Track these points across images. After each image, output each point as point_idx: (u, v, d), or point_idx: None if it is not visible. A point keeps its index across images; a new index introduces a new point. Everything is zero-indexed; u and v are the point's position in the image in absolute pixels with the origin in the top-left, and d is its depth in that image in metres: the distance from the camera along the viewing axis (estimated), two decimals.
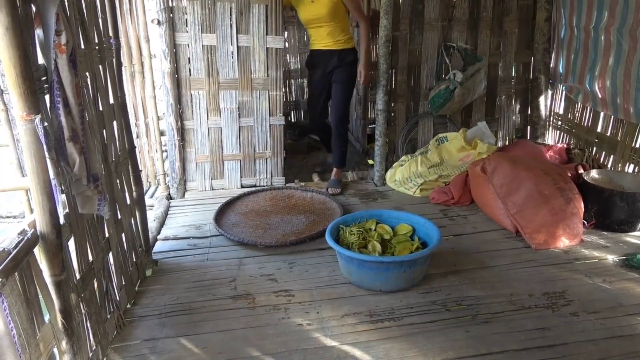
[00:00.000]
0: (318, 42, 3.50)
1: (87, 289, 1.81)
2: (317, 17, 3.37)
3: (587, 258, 2.65)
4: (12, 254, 1.35)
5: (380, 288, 2.35)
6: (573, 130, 4.10)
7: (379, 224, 2.73)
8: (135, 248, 2.43)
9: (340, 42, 3.46)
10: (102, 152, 2.00)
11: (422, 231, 2.64)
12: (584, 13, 3.58)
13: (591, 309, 2.20)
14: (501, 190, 2.95)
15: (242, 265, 2.65)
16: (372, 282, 2.35)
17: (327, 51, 3.48)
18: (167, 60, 3.37)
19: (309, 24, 3.46)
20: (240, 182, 3.78)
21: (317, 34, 3.47)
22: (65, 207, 1.67)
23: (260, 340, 2.03)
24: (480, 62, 3.80)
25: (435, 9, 3.82)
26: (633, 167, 3.38)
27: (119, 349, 1.99)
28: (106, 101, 2.10)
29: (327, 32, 3.41)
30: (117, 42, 2.24)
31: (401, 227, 2.70)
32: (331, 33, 3.42)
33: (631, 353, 1.92)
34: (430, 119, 4.06)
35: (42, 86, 1.51)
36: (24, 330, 1.41)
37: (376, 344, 2.00)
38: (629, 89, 3.16)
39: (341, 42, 3.47)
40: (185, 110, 3.57)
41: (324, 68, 3.55)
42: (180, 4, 3.37)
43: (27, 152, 1.41)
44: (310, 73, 3.74)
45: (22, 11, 1.41)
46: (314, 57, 3.59)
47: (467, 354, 1.93)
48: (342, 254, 2.40)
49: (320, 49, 3.50)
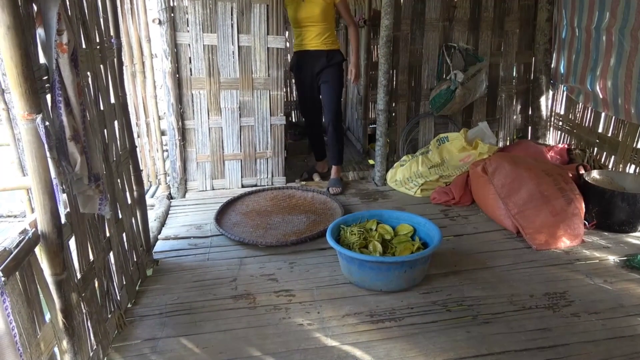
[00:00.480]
0: (306, 43, 3.52)
1: (88, 288, 1.81)
2: (308, 17, 3.41)
3: (588, 259, 2.65)
4: (13, 253, 1.35)
5: (381, 288, 2.35)
6: (574, 131, 4.10)
7: (380, 224, 2.72)
8: (136, 247, 2.43)
9: (328, 43, 3.51)
10: (103, 151, 2.00)
11: (423, 231, 2.63)
12: (585, 13, 3.58)
13: (592, 309, 2.20)
14: (502, 191, 2.94)
15: (242, 265, 2.65)
16: (373, 283, 2.35)
17: (316, 52, 3.51)
18: (168, 59, 3.37)
19: (300, 23, 3.48)
20: (241, 182, 3.78)
21: (306, 34, 3.50)
22: (67, 207, 1.67)
23: (261, 340, 2.03)
24: (481, 62, 3.80)
25: (436, 9, 3.82)
26: (634, 168, 3.38)
27: (119, 349, 1.99)
28: (107, 101, 2.10)
29: (317, 32, 3.45)
30: (119, 42, 2.24)
31: (402, 227, 2.70)
32: (320, 34, 3.46)
33: (632, 354, 1.92)
34: (431, 119, 4.06)
35: (43, 85, 1.51)
36: (25, 330, 1.41)
37: (377, 344, 2.00)
38: (631, 89, 3.16)
39: (329, 43, 3.52)
40: (186, 109, 3.57)
41: (312, 69, 3.57)
42: (181, 3, 3.37)
43: (29, 152, 1.41)
44: (298, 76, 3.72)
45: (24, 11, 1.41)
46: (301, 58, 3.61)
47: (468, 355, 1.93)
48: (342, 254, 2.40)
49: (309, 50, 3.53)
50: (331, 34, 3.53)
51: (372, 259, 2.33)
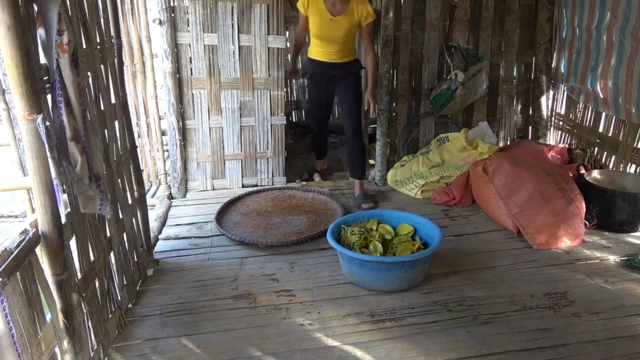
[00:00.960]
0: (324, 54, 3.32)
1: (88, 288, 1.81)
2: (331, 36, 3.23)
3: (589, 259, 2.65)
4: (14, 253, 1.35)
5: (381, 288, 2.35)
6: (575, 131, 4.09)
7: (380, 224, 2.72)
8: (137, 248, 2.43)
9: (347, 55, 3.32)
10: (104, 151, 2.00)
11: (424, 231, 2.63)
12: (586, 13, 3.58)
13: (593, 309, 2.20)
14: (502, 191, 2.94)
15: (243, 265, 2.65)
16: (374, 282, 2.35)
17: (333, 63, 3.32)
18: (169, 59, 3.37)
19: (321, 38, 3.29)
20: (242, 182, 3.78)
21: (325, 48, 3.29)
22: (67, 207, 1.67)
23: (262, 340, 2.03)
24: (481, 62, 3.80)
25: (437, 8, 3.82)
26: (635, 168, 3.38)
27: (120, 349, 2.00)
28: (108, 101, 2.10)
29: (337, 49, 3.27)
30: (119, 42, 2.24)
31: (402, 227, 2.70)
32: (340, 51, 3.28)
33: (633, 354, 1.92)
34: (432, 119, 4.06)
35: (44, 86, 1.51)
36: (26, 330, 1.41)
37: (378, 344, 2.00)
38: (631, 89, 3.16)
39: (347, 55, 3.32)
40: (186, 109, 3.57)
41: (327, 77, 3.38)
42: (181, 3, 3.37)
43: (29, 152, 1.41)
44: (311, 82, 3.56)
45: (25, 11, 1.41)
46: (316, 66, 3.39)
47: (469, 355, 1.93)
48: (343, 254, 2.40)
49: (325, 61, 3.33)
50: (351, 48, 3.34)
51: (373, 259, 2.33)
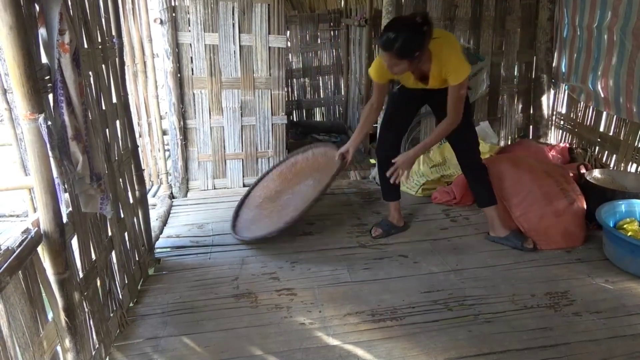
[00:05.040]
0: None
1: (90, 287, 1.81)
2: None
3: (590, 258, 2.65)
4: (15, 252, 1.36)
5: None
6: (575, 130, 4.09)
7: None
8: (138, 247, 2.43)
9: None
10: (105, 151, 2.00)
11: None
12: (586, 12, 3.57)
13: (594, 309, 2.20)
14: (504, 194, 2.93)
15: (244, 264, 2.65)
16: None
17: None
18: (170, 59, 3.38)
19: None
20: (243, 181, 3.79)
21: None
22: (69, 206, 1.68)
23: (263, 339, 2.03)
24: (482, 61, 3.79)
25: (438, 8, 3.81)
26: (636, 167, 3.37)
27: (121, 347, 2.00)
28: (109, 100, 2.10)
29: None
30: (120, 42, 2.24)
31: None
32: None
33: (633, 353, 1.92)
34: (433, 119, 4.04)
35: (45, 85, 1.51)
36: (28, 328, 1.41)
37: (378, 344, 2.00)
38: (632, 88, 3.15)
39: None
40: (187, 109, 3.57)
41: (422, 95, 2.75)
42: (182, 3, 3.37)
43: (31, 151, 1.41)
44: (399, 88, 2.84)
45: (26, 11, 1.41)
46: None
47: (469, 354, 1.93)
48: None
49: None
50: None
51: None
